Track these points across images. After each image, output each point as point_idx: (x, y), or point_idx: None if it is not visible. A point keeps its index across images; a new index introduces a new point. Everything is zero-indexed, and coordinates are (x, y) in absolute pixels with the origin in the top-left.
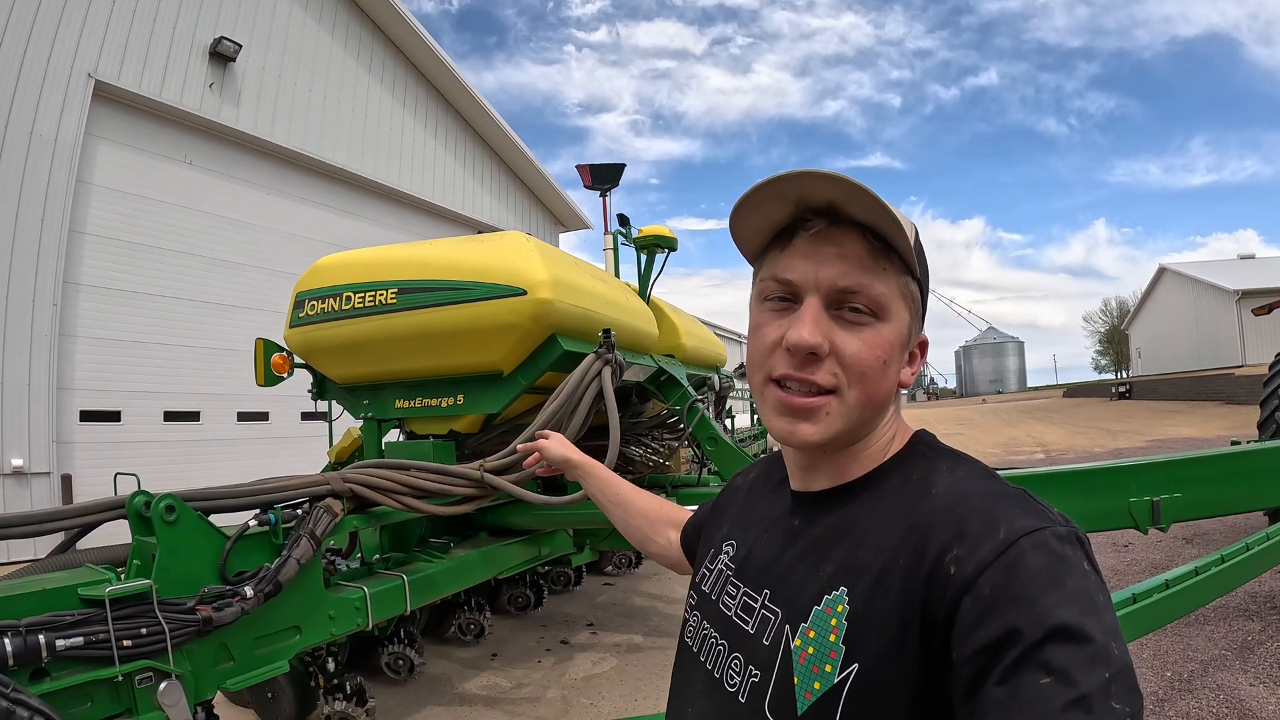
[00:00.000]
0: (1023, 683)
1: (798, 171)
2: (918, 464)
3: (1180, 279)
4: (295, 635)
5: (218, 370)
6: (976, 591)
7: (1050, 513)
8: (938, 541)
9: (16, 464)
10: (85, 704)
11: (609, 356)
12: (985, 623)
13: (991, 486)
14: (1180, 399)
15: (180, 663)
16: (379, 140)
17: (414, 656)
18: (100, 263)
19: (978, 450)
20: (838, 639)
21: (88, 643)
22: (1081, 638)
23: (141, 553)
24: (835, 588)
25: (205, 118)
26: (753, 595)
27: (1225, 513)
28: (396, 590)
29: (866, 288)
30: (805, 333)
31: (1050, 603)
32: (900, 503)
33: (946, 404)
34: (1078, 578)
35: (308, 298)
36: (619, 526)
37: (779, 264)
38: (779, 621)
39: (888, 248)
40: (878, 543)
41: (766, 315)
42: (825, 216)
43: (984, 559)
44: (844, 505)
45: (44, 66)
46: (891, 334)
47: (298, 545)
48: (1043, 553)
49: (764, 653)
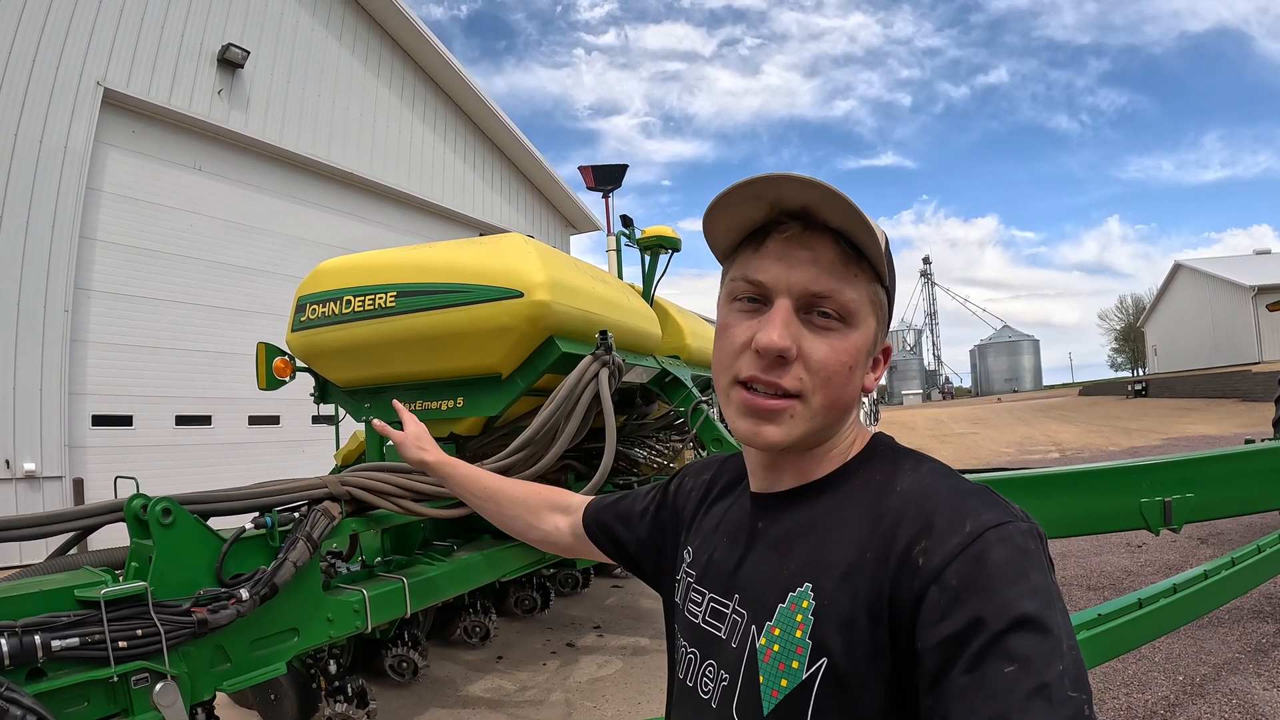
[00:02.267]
0: (988, 671)
1: (775, 175)
2: (880, 464)
3: (1195, 275)
4: (293, 638)
5: (228, 374)
6: (943, 582)
7: (1012, 508)
8: (906, 534)
9: (29, 468)
10: (82, 704)
11: (606, 358)
12: (952, 612)
13: (955, 483)
14: (1197, 396)
15: (176, 664)
16: (388, 144)
17: (418, 659)
18: (111, 269)
19: (992, 450)
20: (804, 634)
21: (83, 643)
22: (1043, 629)
23: (139, 555)
24: (800, 584)
25: (214, 124)
26: (721, 601)
27: (1239, 513)
28: (396, 593)
29: (837, 293)
30: (775, 335)
31: (1014, 594)
32: (865, 500)
33: (961, 403)
34: (1039, 572)
35: (309, 302)
36: (494, 521)
37: (750, 265)
38: (745, 622)
39: (859, 255)
40: (843, 539)
41: (735, 316)
42: (799, 220)
43: (951, 550)
44: (806, 504)
45: (53, 75)
46: (859, 340)
47: (294, 548)
48: (1007, 546)
49: (733, 656)
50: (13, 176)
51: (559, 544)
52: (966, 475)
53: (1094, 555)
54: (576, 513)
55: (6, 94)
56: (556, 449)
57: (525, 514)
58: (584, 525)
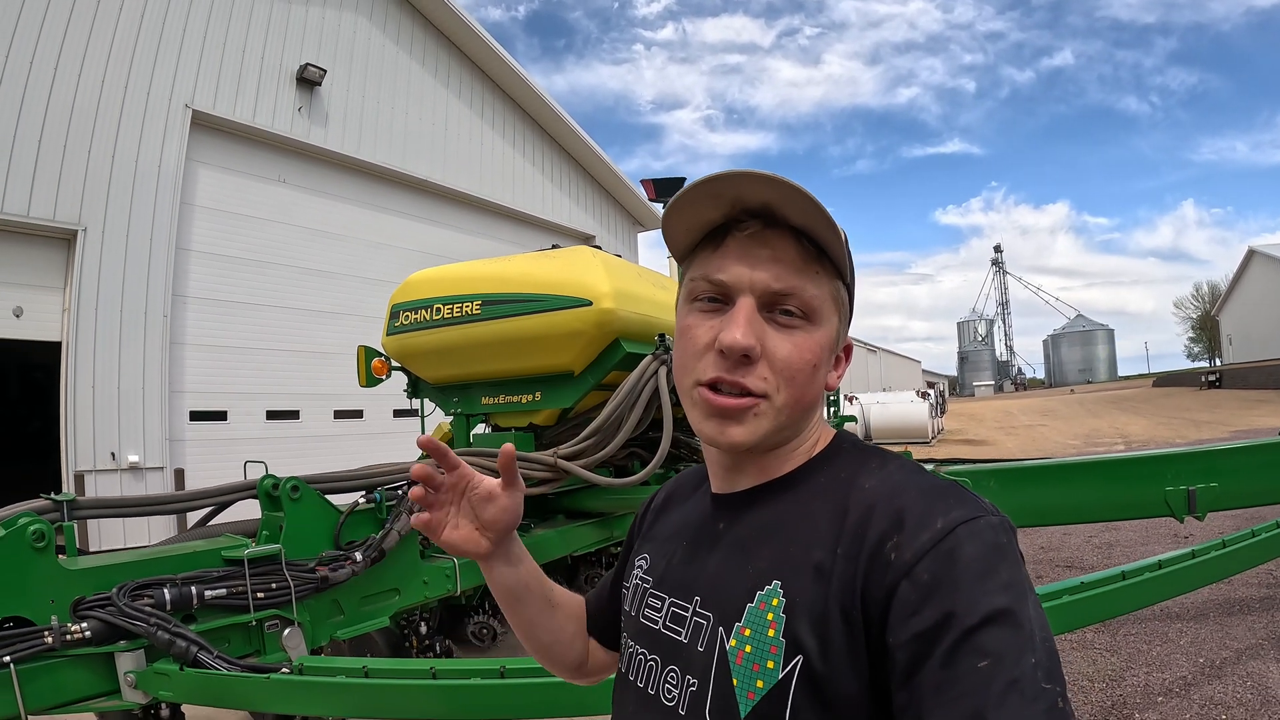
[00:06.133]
0: (961, 666)
1: (735, 172)
2: (844, 461)
3: (1271, 261)
4: (395, 596)
5: (315, 372)
6: (915, 577)
7: (983, 503)
8: (876, 530)
9: (133, 459)
10: (224, 645)
11: (665, 357)
12: (924, 608)
13: (925, 480)
14: (1271, 388)
15: (301, 614)
16: (459, 151)
17: (497, 626)
18: (205, 276)
19: (1057, 443)
20: (777, 634)
21: (229, 594)
22: (1015, 623)
23: (270, 524)
24: (768, 582)
25: (296, 139)
26: (681, 604)
27: (1265, 502)
28: None
29: (800, 290)
30: (739, 334)
31: (986, 589)
32: (831, 497)
33: (1033, 395)
34: (1010, 566)
35: (402, 309)
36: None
37: (711, 264)
38: (711, 625)
39: (820, 252)
40: (811, 536)
41: (696, 316)
42: (759, 218)
43: (923, 546)
44: (770, 502)
45: (144, 99)
46: (822, 338)
47: (399, 519)
48: (979, 541)
49: (700, 659)
50: (112, 195)
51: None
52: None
53: (1140, 546)
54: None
55: (103, 118)
56: (621, 436)
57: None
58: (590, 620)
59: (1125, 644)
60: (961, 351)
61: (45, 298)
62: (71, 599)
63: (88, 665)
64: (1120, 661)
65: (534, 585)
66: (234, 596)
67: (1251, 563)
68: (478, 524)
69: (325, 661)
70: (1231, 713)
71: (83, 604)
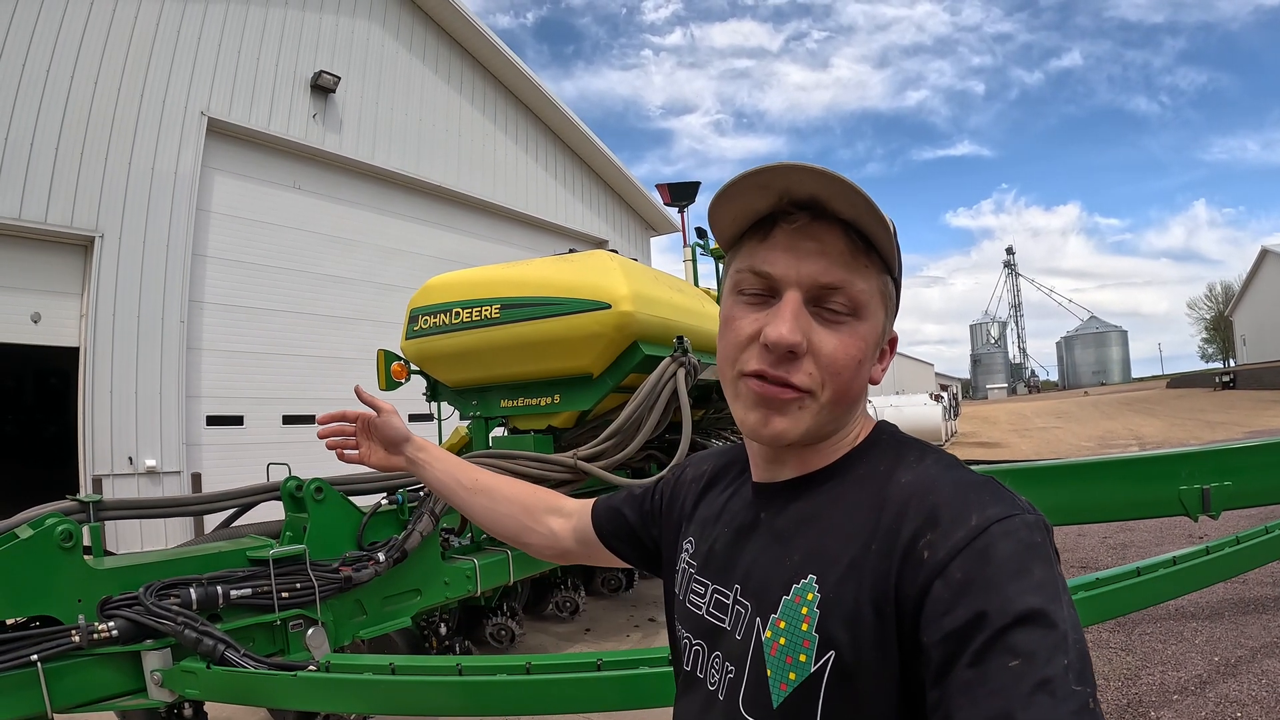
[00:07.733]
0: (991, 665)
1: (785, 164)
2: (883, 454)
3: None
4: (416, 597)
5: (331, 377)
6: (948, 575)
7: (1019, 500)
8: (910, 527)
9: (150, 463)
10: (249, 644)
11: (683, 360)
12: (956, 606)
13: (960, 475)
14: None
15: (324, 613)
16: (472, 156)
17: (515, 628)
18: (221, 282)
19: (1072, 444)
20: (810, 627)
21: (254, 593)
22: (1047, 623)
23: (294, 525)
24: (804, 576)
25: (310, 145)
26: (723, 591)
27: (1278, 501)
28: (502, 563)
29: (847, 285)
30: (785, 330)
31: (1019, 588)
32: (868, 491)
33: (1047, 397)
34: (1044, 565)
35: (421, 313)
36: (480, 518)
37: (757, 256)
38: (749, 614)
39: (869, 246)
40: (846, 530)
41: (741, 308)
42: (807, 210)
43: (956, 544)
44: (808, 494)
45: (160, 107)
46: (868, 333)
47: (421, 520)
48: (1013, 540)
49: (738, 648)
50: (129, 201)
51: (555, 549)
52: (1021, 464)
53: (1155, 546)
54: (576, 516)
55: (120, 125)
56: (640, 438)
57: (522, 515)
58: (594, 521)
59: (1140, 643)
60: (974, 354)
61: (63, 303)
62: (98, 599)
63: (114, 664)
64: (1136, 660)
65: (461, 477)
66: (259, 596)
67: (1266, 559)
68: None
69: (352, 659)
70: (1247, 710)
71: (110, 603)
